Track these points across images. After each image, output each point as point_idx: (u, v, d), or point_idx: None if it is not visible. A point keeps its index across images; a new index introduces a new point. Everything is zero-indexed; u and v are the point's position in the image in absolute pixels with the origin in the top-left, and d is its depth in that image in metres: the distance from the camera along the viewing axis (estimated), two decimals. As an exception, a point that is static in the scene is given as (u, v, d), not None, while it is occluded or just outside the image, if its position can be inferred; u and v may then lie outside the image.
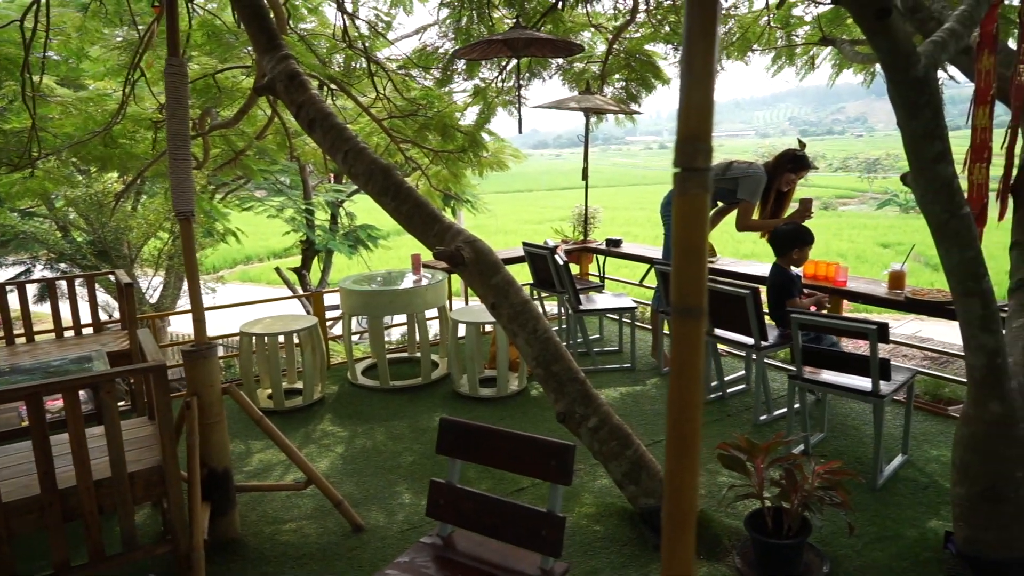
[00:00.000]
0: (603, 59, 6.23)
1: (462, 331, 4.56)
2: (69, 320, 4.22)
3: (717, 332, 4.15)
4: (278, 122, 6.01)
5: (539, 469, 1.92)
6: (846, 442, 3.77)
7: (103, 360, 3.29)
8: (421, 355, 4.87)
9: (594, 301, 5.18)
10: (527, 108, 6.33)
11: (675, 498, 0.88)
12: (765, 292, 4.15)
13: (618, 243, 5.95)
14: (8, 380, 2.98)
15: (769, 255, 4.27)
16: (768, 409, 4.11)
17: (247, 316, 4.91)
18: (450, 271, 5.17)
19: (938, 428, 3.90)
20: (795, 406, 3.65)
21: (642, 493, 2.83)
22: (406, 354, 5.52)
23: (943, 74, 5.17)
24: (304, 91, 3.54)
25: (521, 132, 5.53)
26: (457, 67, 6.27)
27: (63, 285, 5.25)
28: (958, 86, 4.40)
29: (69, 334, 4.18)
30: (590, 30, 6.37)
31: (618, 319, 5.56)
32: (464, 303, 6.18)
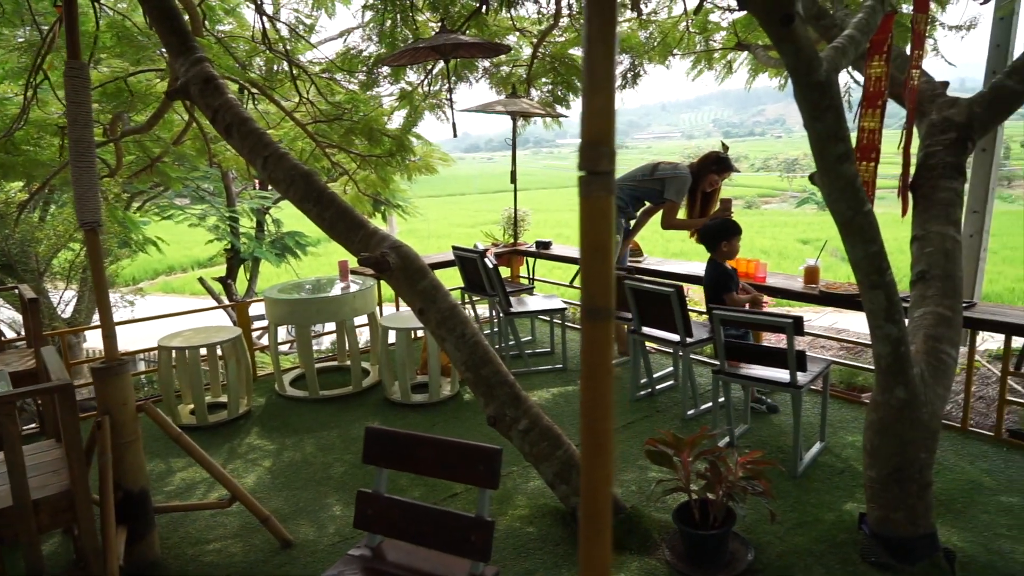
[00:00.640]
0: (528, 63, 6.28)
1: (392, 337, 4.50)
2: (-32, 339, 3.95)
3: (645, 330, 4.24)
4: (196, 127, 5.80)
5: (466, 474, 1.91)
6: (769, 432, 3.91)
7: (5, 380, 3.09)
8: (351, 363, 4.78)
9: (525, 303, 5.21)
10: (454, 111, 6.31)
11: (590, 497, 0.89)
12: (703, 289, 4.24)
13: (548, 245, 6.00)
14: None
15: (697, 253, 4.39)
16: (695, 404, 4.22)
17: (170, 329, 4.70)
18: (379, 277, 5.10)
19: (853, 415, 4.09)
20: (720, 400, 3.76)
21: (573, 492, 2.86)
22: (336, 363, 5.41)
23: (851, 79, 5.44)
24: (220, 95, 3.42)
25: (456, 135, 5.50)
26: (382, 71, 6.20)
27: (-39, 302, 4.91)
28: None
29: (-32, 354, 3.91)
30: (515, 34, 6.41)
31: (549, 320, 5.61)
32: (396, 309, 6.11)
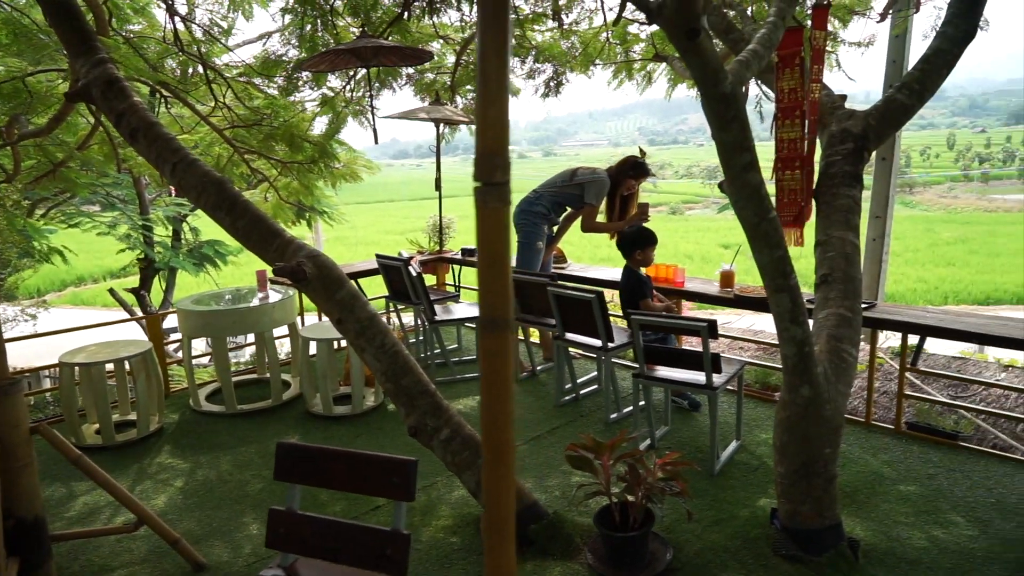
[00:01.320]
0: (452, 70, 6.27)
1: (314, 348, 4.40)
2: None
3: (568, 336, 4.28)
4: (104, 131, 5.52)
5: (380, 487, 1.88)
6: (689, 433, 4.02)
7: None
8: (271, 376, 4.64)
9: (451, 311, 5.19)
10: (378, 118, 6.24)
11: (493, 506, 0.89)
12: (619, 294, 4.32)
13: (473, 252, 5.98)
14: None
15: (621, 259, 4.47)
16: (618, 407, 4.29)
17: (79, 343, 4.43)
18: (296, 287, 4.97)
19: (767, 413, 4.25)
20: (640, 403, 3.84)
21: (496, 500, 2.85)
22: (256, 375, 5.24)
23: (761, 91, 5.67)
24: (125, 98, 3.28)
25: (377, 142, 5.43)
26: (303, 76, 6.07)
27: None
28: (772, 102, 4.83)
29: None
30: (438, 41, 6.39)
31: (475, 328, 5.61)
32: (318, 319, 5.97)
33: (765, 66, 3.01)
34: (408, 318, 6.22)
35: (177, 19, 4.99)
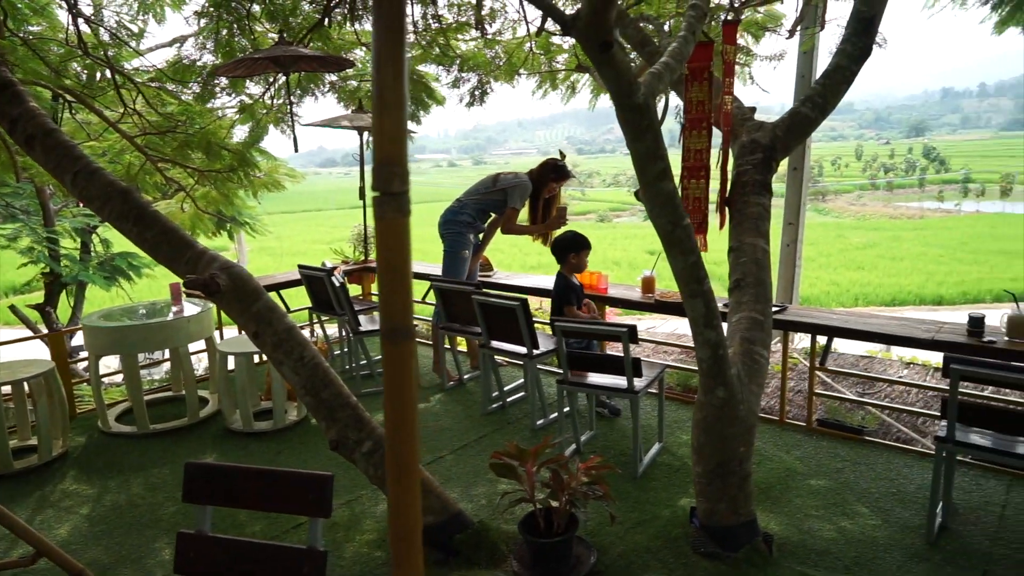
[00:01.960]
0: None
1: (232, 363, 4.25)
2: None
3: (494, 344, 4.29)
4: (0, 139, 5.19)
5: (295, 505, 1.83)
6: (614, 437, 4.09)
7: None
8: (187, 392, 4.46)
9: (376, 321, 5.11)
10: (300, 126, 6.10)
11: (398, 519, 0.87)
12: (551, 300, 4.34)
13: (400, 262, 5.93)
14: None
15: (555, 267, 4.50)
16: (544, 413, 4.33)
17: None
18: (209, 300, 4.80)
19: (688, 415, 4.37)
20: (565, 409, 3.88)
21: (423, 512, 2.82)
22: (171, 393, 5.02)
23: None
24: (19, 103, 3.11)
25: (297, 150, 5.31)
26: (220, 82, 5.88)
27: None
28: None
29: None
30: (361, 48, 6.32)
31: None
32: (237, 332, 5.78)
33: (677, 78, 3.11)
34: (332, 330, 6.10)
35: (81, 21, 4.75)
